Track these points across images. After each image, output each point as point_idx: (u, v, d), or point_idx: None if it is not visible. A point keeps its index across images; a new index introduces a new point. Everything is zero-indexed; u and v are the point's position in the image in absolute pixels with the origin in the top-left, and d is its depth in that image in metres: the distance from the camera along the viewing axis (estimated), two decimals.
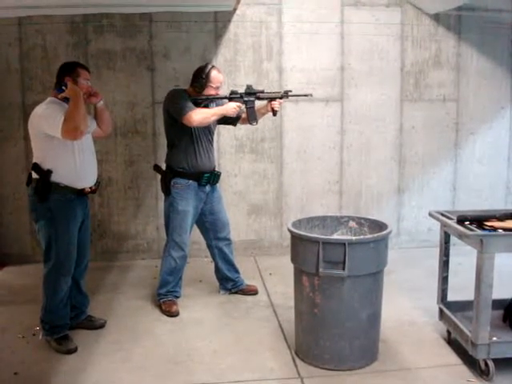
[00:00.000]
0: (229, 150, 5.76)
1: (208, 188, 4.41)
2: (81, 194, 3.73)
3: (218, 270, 4.73)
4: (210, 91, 4.21)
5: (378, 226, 3.56)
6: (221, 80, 4.30)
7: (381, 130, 5.88)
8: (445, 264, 3.75)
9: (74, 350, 3.66)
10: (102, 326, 4.06)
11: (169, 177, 4.29)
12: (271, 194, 5.86)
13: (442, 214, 3.65)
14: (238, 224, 5.75)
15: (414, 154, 5.98)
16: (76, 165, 3.65)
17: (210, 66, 4.23)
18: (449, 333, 3.75)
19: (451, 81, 5.95)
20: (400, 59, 5.84)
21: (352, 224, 3.78)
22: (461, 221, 3.40)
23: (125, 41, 5.55)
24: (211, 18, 5.59)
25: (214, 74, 4.20)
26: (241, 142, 5.74)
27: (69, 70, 3.71)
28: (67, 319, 3.82)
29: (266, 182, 5.83)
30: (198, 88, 4.20)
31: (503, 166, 6.16)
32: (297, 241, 3.43)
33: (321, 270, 3.21)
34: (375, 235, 3.34)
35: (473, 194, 6.01)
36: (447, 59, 5.92)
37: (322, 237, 3.35)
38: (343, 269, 3.16)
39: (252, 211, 5.86)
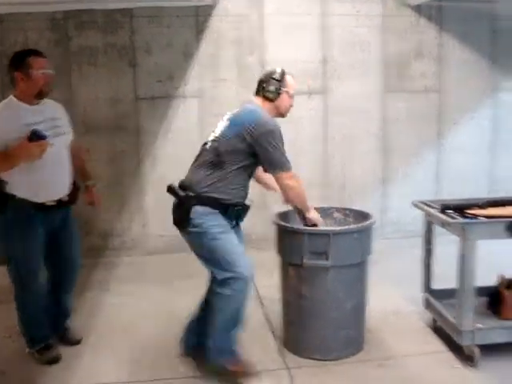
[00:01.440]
0: None
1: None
2: (44, 208, 3.27)
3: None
4: (285, 100, 3.28)
5: (363, 216, 3.58)
6: (295, 88, 3.39)
7: (364, 121, 5.91)
8: (428, 253, 3.80)
9: (56, 360, 3.47)
10: (77, 343, 3.71)
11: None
12: (257, 188, 5.83)
13: (425, 204, 3.68)
14: None
15: (398, 145, 6.01)
16: (36, 176, 3.20)
17: (281, 69, 3.30)
18: (434, 321, 3.79)
19: (433, 72, 5.99)
20: (382, 51, 5.87)
21: (337, 215, 3.79)
22: (443, 209, 3.43)
23: (106, 37, 5.53)
24: (192, 12, 5.58)
25: (289, 78, 3.30)
26: None
27: (18, 65, 3.16)
28: (45, 330, 3.56)
29: None
30: (271, 94, 3.20)
31: (486, 156, 6.21)
32: (282, 233, 3.44)
33: (305, 260, 3.23)
34: (359, 225, 3.36)
35: (456, 183, 6.04)
36: (429, 50, 5.96)
37: (307, 228, 3.37)
38: (327, 259, 3.18)
39: None
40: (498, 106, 6.20)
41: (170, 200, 5.69)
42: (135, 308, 4.39)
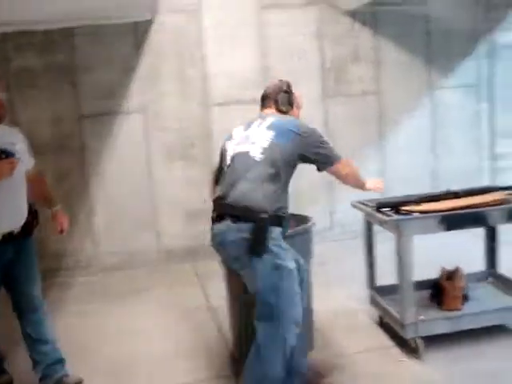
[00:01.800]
0: (158, 158, 5.79)
1: None
2: None
3: None
4: (295, 111, 3.26)
5: (303, 220, 3.64)
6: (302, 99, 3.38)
7: None
8: (370, 251, 3.90)
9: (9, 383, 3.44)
10: None
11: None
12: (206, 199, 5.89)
13: (363, 204, 3.79)
14: (175, 231, 5.81)
15: (341, 149, 5.97)
16: None
17: (286, 80, 3.27)
18: (380, 317, 3.89)
19: (371, 74, 6.15)
20: (320, 57, 6.01)
21: None
22: (379, 208, 3.54)
23: (47, 57, 5.53)
24: (131, 28, 5.61)
25: (294, 89, 3.27)
26: (170, 149, 5.77)
27: None
28: None
29: (199, 187, 5.85)
30: (285, 107, 3.17)
31: (427, 154, 6.40)
32: None
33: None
34: (296, 229, 3.43)
35: (400, 182, 6.14)
36: (366, 54, 6.12)
37: None
38: None
39: (188, 218, 5.88)
40: (435, 105, 6.40)
41: (121, 217, 5.76)
42: (93, 327, 4.38)
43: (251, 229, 2.77)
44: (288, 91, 3.20)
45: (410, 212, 3.39)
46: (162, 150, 5.77)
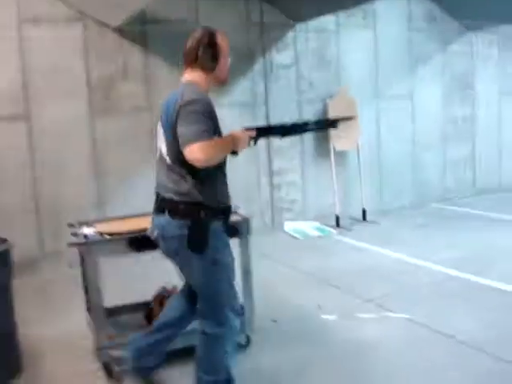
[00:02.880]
0: None
1: None
2: None
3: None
4: (226, 64, 2.88)
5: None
6: (228, 47, 2.90)
7: (73, 145, 5.85)
8: (84, 274, 3.80)
9: None
10: None
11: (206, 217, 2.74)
12: None
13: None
14: None
15: (112, 166, 6.02)
16: None
17: (206, 30, 2.85)
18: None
19: (142, 91, 6.13)
20: (86, 73, 5.89)
21: None
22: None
23: None
24: None
25: (219, 37, 2.84)
26: None
27: None
28: None
29: None
30: (209, 64, 2.81)
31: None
32: None
33: None
34: None
35: None
36: (135, 71, 6.10)
37: None
38: None
39: None
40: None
41: None
42: None
43: (190, 226, 2.69)
44: (211, 43, 2.79)
45: (101, 233, 3.36)
46: None
